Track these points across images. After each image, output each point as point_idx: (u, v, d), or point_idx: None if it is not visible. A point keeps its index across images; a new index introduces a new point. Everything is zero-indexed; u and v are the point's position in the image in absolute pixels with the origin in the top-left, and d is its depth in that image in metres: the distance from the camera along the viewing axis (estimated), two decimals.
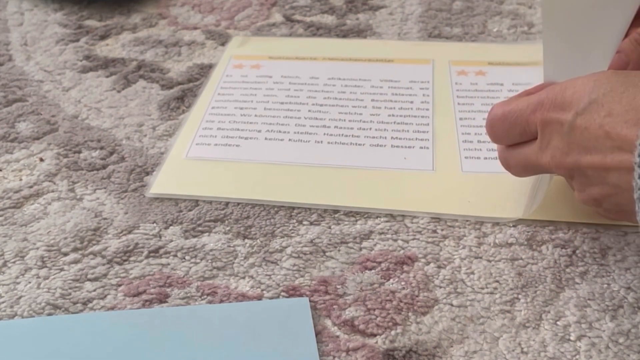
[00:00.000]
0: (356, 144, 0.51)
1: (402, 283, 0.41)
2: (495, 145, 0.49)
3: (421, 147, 0.50)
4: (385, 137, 0.51)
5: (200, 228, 0.45)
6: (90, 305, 0.40)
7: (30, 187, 0.48)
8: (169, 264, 0.42)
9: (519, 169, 0.42)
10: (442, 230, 0.44)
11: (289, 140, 0.51)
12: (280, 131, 0.52)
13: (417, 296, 0.40)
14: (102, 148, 0.52)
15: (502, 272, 0.41)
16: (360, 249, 0.43)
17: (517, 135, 0.40)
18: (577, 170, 0.36)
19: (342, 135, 0.51)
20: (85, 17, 0.69)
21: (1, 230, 0.45)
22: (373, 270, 0.41)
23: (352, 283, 0.41)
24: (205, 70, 0.60)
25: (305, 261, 0.42)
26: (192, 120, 0.54)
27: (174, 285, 0.41)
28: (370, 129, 0.52)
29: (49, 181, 0.49)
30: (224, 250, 0.43)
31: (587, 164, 0.35)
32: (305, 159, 0.49)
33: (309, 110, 0.54)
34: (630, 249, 0.42)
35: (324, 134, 0.52)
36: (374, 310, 0.39)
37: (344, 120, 0.53)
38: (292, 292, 0.40)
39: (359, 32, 0.65)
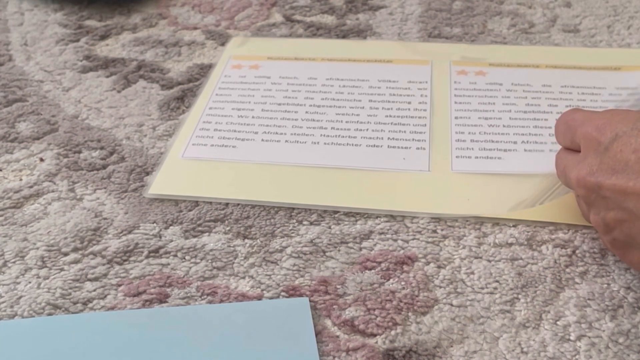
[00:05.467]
0: (353, 144, 0.51)
1: (402, 283, 0.41)
2: (486, 145, 0.49)
3: (417, 148, 0.50)
4: (382, 138, 0.51)
5: (200, 228, 0.45)
6: (90, 305, 0.40)
7: (30, 187, 0.48)
8: (169, 264, 0.42)
9: (559, 174, 0.42)
10: (442, 230, 0.44)
11: (286, 141, 0.51)
12: (277, 132, 0.52)
13: (417, 296, 0.40)
14: (102, 148, 0.52)
15: (502, 272, 0.41)
16: (360, 249, 0.43)
17: (569, 142, 0.41)
18: (597, 191, 0.36)
19: (339, 136, 0.51)
20: (85, 17, 0.69)
21: (1, 230, 0.45)
22: (373, 270, 0.41)
23: (352, 283, 0.41)
24: (205, 70, 0.60)
25: (305, 261, 0.42)
26: (190, 121, 0.54)
27: (174, 285, 0.41)
28: (368, 129, 0.52)
29: (49, 181, 0.49)
30: (224, 250, 0.43)
31: (609, 185, 0.35)
32: (301, 160, 0.49)
33: (307, 112, 0.54)
34: None
35: (321, 135, 0.52)
36: (374, 310, 0.39)
37: (341, 121, 0.53)
38: (292, 292, 0.40)
39: (359, 32, 0.65)
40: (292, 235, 0.44)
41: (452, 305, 0.39)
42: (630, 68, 0.57)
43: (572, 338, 0.37)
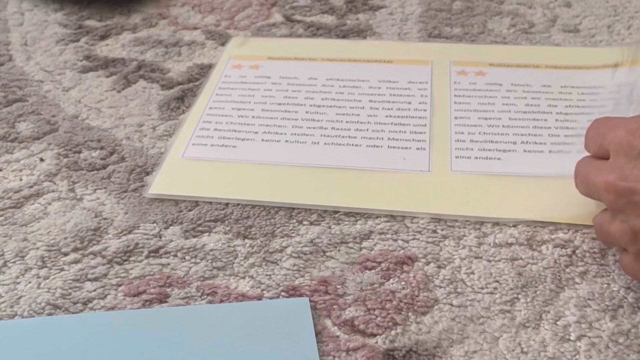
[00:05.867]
0: (353, 144, 0.51)
1: (402, 283, 0.41)
2: (485, 145, 0.49)
3: (417, 148, 0.50)
4: (382, 138, 0.51)
5: (200, 228, 0.45)
6: (90, 305, 0.40)
7: (31, 187, 0.48)
8: (169, 264, 0.42)
9: (579, 181, 0.41)
10: (442, 230, 0.44)
11: (286, 141, 0.51)
12: (277, 132, 0.52)
13: (417, 296, 0.40)
14: (102, 148, 0.52)
15: (502, 272, 0.41)
16: (360, 249, 0.43)
17: (597, 147, 0.39)
18: (628, 197, 0.35)
19: (339, 136, 0.51)
20: (85, 17, 0.69)
21: (1, 230, 0.45)
22: (373, 270, 0.41)
23: (352, 283, 0.41)
24: (205, 70, 0.60)
25: (305, 261, 0.42)
26: (190, 121, 0.54)
27: (174, 285, 0.41)
28: (368, 129, 0.52)
29: (49, 181, 0.49)
30: (224, 250, 0.43)
31: None
32: (301, 160, 0.49)
33: (307, 112, 0.54)
34: None
35: (321, 135, 0.52)
36: (374, 310, 0.39)
37: (341, 121, 0.53)
38: (292, 292, 0.40)
39: (359, 32, 0.65)
40: (292, 235, 0.44)
41: (452, 305, 0.39)
42: (627, 64, 0.57)
43: (572, 338, 0.37)
